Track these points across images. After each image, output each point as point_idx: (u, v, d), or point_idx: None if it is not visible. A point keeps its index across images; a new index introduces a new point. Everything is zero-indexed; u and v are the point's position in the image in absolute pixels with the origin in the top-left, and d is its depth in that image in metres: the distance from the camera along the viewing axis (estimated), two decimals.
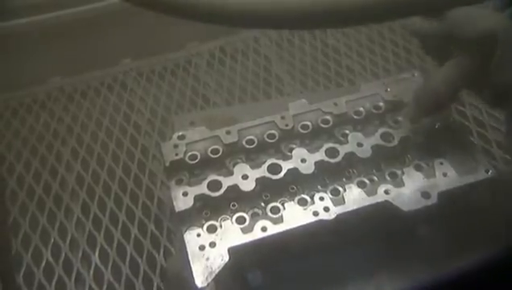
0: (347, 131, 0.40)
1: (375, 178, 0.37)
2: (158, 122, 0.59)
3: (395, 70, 0.62)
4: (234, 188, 0.36)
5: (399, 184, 0.36)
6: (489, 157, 0.47)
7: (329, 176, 0.38)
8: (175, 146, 0.39)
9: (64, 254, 0.48)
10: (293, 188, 0.37)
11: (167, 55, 0.66)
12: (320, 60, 0.65)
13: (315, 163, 0.37)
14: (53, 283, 0.46)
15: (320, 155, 0.38)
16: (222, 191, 0.36)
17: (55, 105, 0.62)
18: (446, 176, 0.36)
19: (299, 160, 0.37)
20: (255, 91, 0.62)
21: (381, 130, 0.39)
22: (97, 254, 0.47)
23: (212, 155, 0.39)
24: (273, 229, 0.34)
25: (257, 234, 0.34)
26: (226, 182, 0.36)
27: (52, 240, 0.49)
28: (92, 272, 0.46)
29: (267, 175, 0.37)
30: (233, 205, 0.36)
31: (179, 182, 0.37)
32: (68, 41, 0.63)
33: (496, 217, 0.35)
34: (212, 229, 0.34)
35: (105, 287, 0.45)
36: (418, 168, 0.37)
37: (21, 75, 0.62)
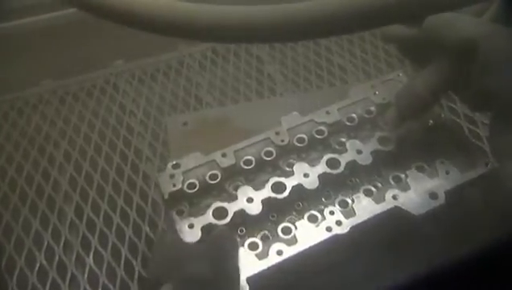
0: (342, 139, 0.39)
1: (379, 184, 0.37)
2: (151, 123, 0.58)
3: (386, 68, 0.63)
4: (241, 213, 0.35)
5: (405, 187, 0.36)
6: (481, 153, 0.47)
7: (334, 187, 0.37)
8: (172, 176, 0.37)
9: (57, 257, 0.47)
10: (299, 205, 0.36)
11: (159, 56, 0.66)
12: (312, 59, 0.65)
13: (319, 176, 0.36)
14: (47, 286, 0.45)
15: (322, 168, 0.37)
16: (229, 218, 0.35)
17: (47, 108, 0.62)
18: (449, 174, 0.36)
19: (302, 175, 0.36)
20: (248, 91, 0.62)
21: (377, 135, 0.39)
22: (91, 256, 0.47)
23: (211, 181, 0.37)
24: (289, 252, 0.33)
25: (273, 259, 0.33)
26: (232, 208, 0.35)
27: (46, 243, 0.48)
28: (86, 275, 0.46)
29: (272, 195, 0.36)
30: (241, 231, 0.35)
31: (181, 213, 0.36)
32: (59, 43, 0.62)
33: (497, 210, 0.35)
34: None
35: (99, 289, 0.45)
36: (420, 169, 0.37)
37: (12, 77, 0.61)
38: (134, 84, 0.64)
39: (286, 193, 0.36)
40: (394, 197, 0.35)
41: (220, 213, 0.35)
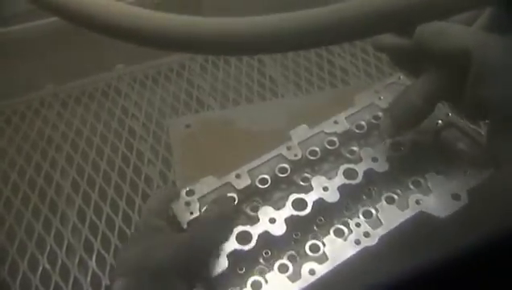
0: (354, 148, 0.39)
1: (399, 191, 0.36)
2: (154, 126, 0.58)
3: (388, 70, 0.63)
4: (265, 236, 0.34)
5: (426, 191, 0.35)
6: None
7: (354, 198, 0.36)
8: (187, 204, 0.35)
9: (60, 261, 0.47)
10: (321, 220, 0.35)
11: (161, 59, 0.66)
12: (313, 60, 0.65)
13: (338, 188, 0.35)
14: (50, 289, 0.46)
15: (340, 179, 0.36)
16: (254, 242, 0.33)
17: (50, 112, 0.62)
18: (467, 174, 0.35)
19: (321, 189, 0.35)
20: (249, 93, 0.62)
21: (388, 141, 0.38)
22: (93, 259, 0.47)
23: None
24: (321, 270, 0.32)
25: (307, 279, 0.31)
26: (255, 231, 0.34)
27: (48, 247, 0.48)
28: (89, 278, 0.46)
29: (294, 212, 0.34)
30: (266, 253, 0.34)
31: None
32: (61, 47, 0.63)
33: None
34: (257, 287, 0.32)
35: None
36: (438, 172, 0.36)
37: (14, 82, 0.61)
38: (135, 88, 0.64)
39: (308, 210, 0.34)
40: (418, 202, 0.34)
41: (244, 237, 0.33)
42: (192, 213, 0.35)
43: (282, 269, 0.33)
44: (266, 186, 0.37)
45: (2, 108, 0.62)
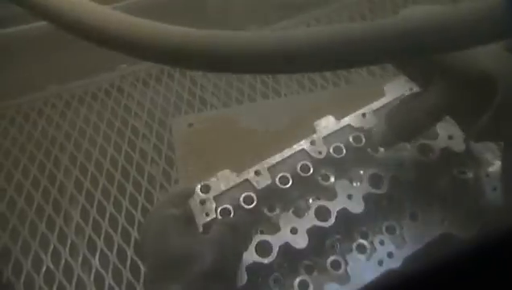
0: (381, 148, 0.36)
1: (425, 206, 0.34)
2: (156, 125, 0.58)
3: (392, 68, 0.62)
4: (286, 248, 0.32)
5: (452, 208, 0.33)
6: None
7: (378, 209, 0.34)
8: (202, 202, 0.33)
9: (64, 260, 0.47)
10: (343, 232, 0.33)
11: None
12: None
13: (363, 197, 0.33)
14: (54, 288, 0.45)
15: (366, 187, 0.34)
16: (275, 254, 0.31)
17: (53, 112, 0.62)
18: (496, 190, 0.33)
19: (346, 197, 0.33)
20: (252, 92, 0.62)
21: (416, 143, 0.35)
22: (97, 258, 0.47)
23: (246, 206, 0.33)
24: None
25: None
26: (275, 242, 0.32)
27: (52, 246, 0.48)
28: (92, 277, 0.46)
29: (317, 223, 0.32)
30: (285, 265, 0.32)
31: None
32: (64, 48, 0.62)
33: None
34: None
35: None
36: (463, 184, 0.34)
37: (18, 82, 0.61)
38: (138, 87, 0.64)
39: (332, 221, 0.33)
40: (442, 221, 0.32)
41: (264, 248, 0.32)
42: (207, 215, 0.33)
43: (303, 286, 0.31)
44: (287, 186, 0.34)
45: (5, 108, 0.62)
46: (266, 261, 0.31)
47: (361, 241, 0.33)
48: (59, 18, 0.27)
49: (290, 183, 0.34)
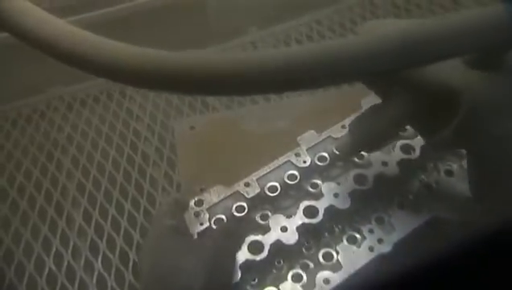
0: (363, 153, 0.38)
1: (410, 195, 0.35)
2: (158, 127, 0.59)
3: None
4: (277, 245, 0.34)
5: (438, 194, 0.35)
6: None
7: (364, 204, 0.36)
8: (197, 214, 0.36)
9: (66, 262, 0.47)
10: (332, 227, 0.35)
11: None
12: None
13: (349, 194, 0.35)
14: None
15: (351, 186, 0.36)
16: (266, 251, 0.33)
17: (55, 115, 0.62)
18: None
19: (332, 196, 0.35)
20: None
21: (399, 143, 0.37)
22: (99, 261, 0.47)
23: (238, 214, 0.36)
24: (336, 279, 0.32)
25: (322, 289, 0.32)
26: (267, 240, 0.34)
27: (54, 248, 0.49)
28: (95, 279, 0.46)
29: (306, 221, 0.34)
30: (279, 263, 0.34)
31: None
32: None
33: None
34: None
35: None
36: (449, 173, 0.36)
37: (20, 85, 0.62)
38: (140, 90, 0.64)
39: (320, 217, 0.34)
40: (430, 207, 0.34)
41: (256, 246, 0.33)
42: (202, 224, 0.35)
43: (297, 278, 0.32)
44: (275, 194, 0.37)
45: (7, 111, 0.62)
46: (258, 258, 0.33)
47: (351, 232, 0.34)
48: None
49: (278, 191, 0.37)
